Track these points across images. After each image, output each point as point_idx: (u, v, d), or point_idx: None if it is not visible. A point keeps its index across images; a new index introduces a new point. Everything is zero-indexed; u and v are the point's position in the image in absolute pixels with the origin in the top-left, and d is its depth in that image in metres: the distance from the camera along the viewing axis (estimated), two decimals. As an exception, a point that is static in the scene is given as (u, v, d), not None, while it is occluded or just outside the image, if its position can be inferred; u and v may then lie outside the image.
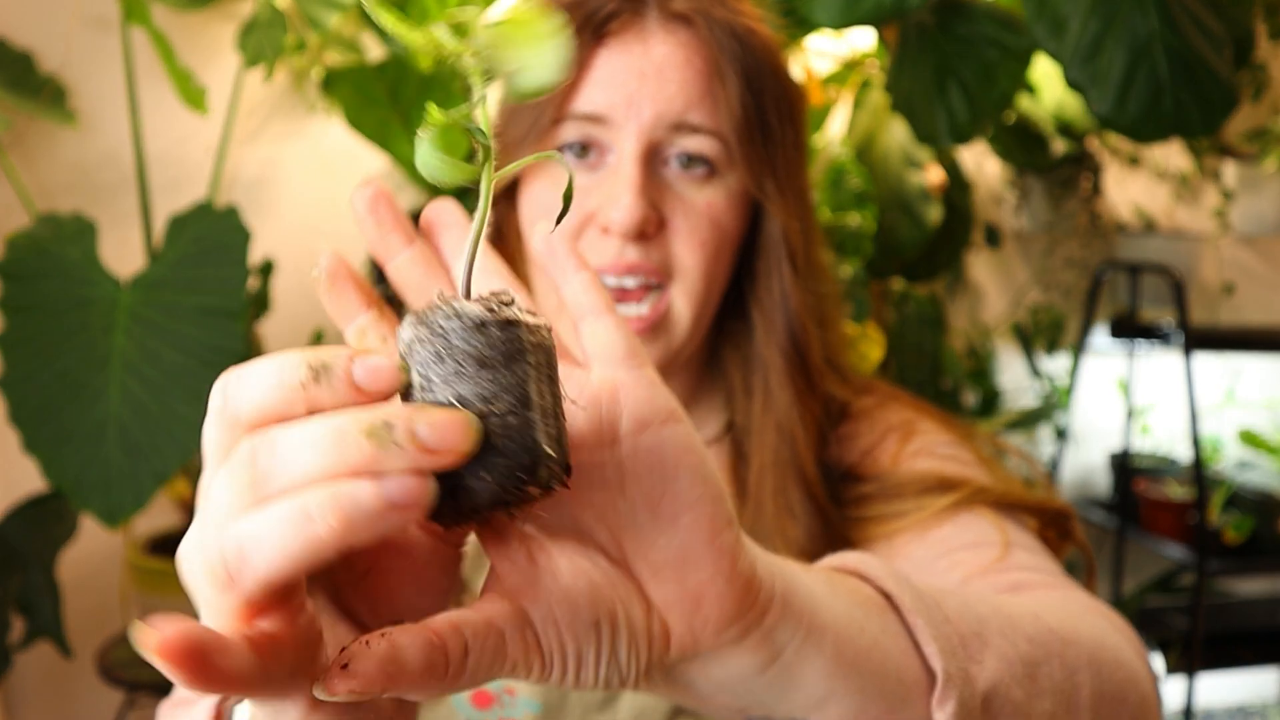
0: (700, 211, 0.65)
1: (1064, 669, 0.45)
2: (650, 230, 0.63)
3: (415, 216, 1.80)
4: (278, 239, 1.86)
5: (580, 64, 0.63)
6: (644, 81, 0.62)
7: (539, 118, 0.63)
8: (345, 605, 0.36)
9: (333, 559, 0.29)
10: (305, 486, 0.29)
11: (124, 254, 1.73)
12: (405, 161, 1.60)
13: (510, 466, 0.30)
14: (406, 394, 0.31)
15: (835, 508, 0.69)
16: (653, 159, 0.64)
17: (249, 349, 1.56)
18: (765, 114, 0.65)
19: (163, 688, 1.61)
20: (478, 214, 0.35)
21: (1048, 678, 0.44)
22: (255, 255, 1.49)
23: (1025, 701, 0.42)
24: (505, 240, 0.70)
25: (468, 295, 0.33)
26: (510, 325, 0.31)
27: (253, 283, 1.68)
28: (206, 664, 0.28)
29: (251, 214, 1.57)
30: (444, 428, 0.29)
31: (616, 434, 0.35)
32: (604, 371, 0.36)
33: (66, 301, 1.34)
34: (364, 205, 0.40)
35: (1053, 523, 0.68)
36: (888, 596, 0.42)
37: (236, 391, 0.31)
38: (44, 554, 1.51)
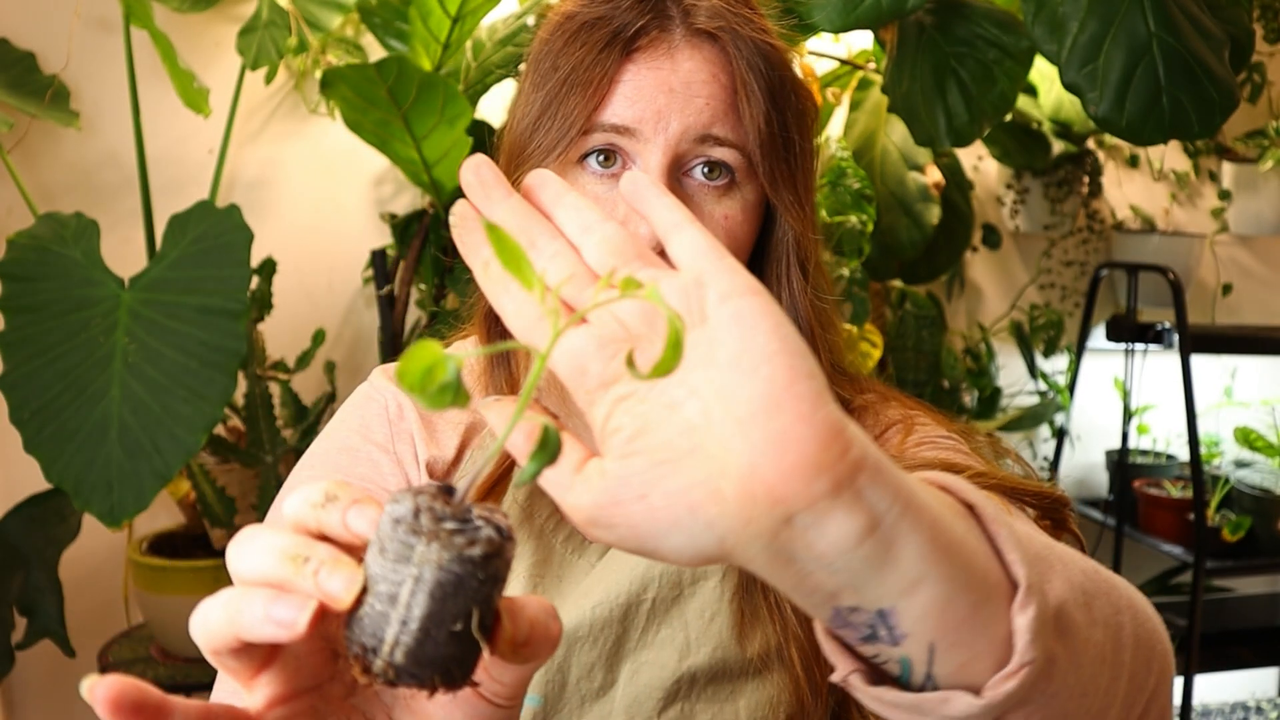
0: (718, 224, 0.67)
1: (1111, 606, 0.46)
2: None
3: (417, 216, 1.81)
4: (278, 239, 1.87)
5: (609, 78, 0.65)
6: (672, 96, 0.65)
7: (568, 129, 0.65)
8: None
9: (236, 646, 0.37)
10: (244, 581, 0.37)
11: (125, 254, 1.73)
12: (405, 162, 1.60)
13: (354, 641, 0.36)
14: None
15: None
16: (675, 171, 0.66)
17: (250, 349, 1.56)
18: (788, 127, 0.67)
19: (165, 687, 1.61)
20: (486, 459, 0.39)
21: (1100, 610, 0.45)
22: (256, 255, 1.49)
23: (1085, 626, 0.43)
24: None
25: (461, 500, 0.37)
26: (437, 542, 0.35)
27: (253, 282, 1.68)
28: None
29: (252, 214, 1.57)
30: (333, 578, 0.36)
31: (705, 313, 0.37)
32: (691, 264, 0.39)
33: (68, 301, 1.35)
34: (469, 168, 0.43)
35: (1049, 512, 0.68)
36: (970, 508, 0.42)
37: (287, 499, 0.39)
38: (46, 554, 1.52)
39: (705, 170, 0.66)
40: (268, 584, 0.37)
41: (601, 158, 0.66)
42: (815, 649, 0.66)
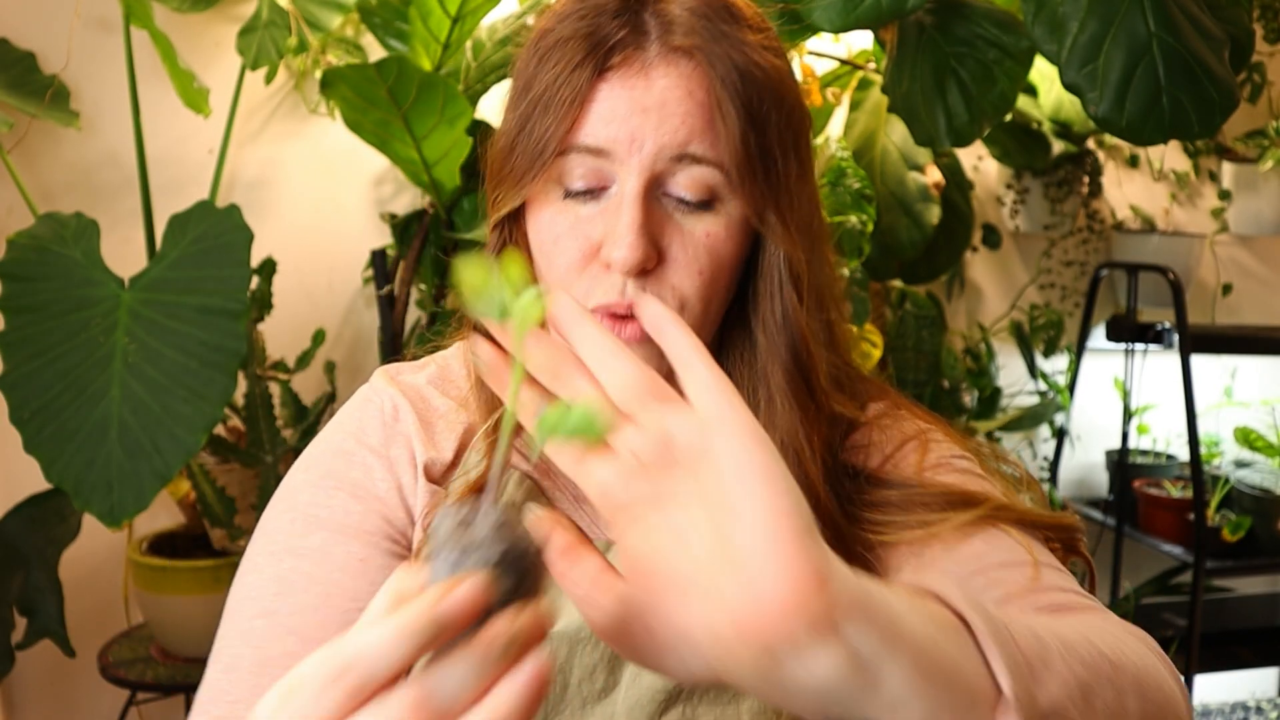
0: (699, 242, 0.66)
1: (1114, 691, 0.48)
2: (650, 265, 0.65)
3: (416, 216, 1.81)
4: (278, 239, 1.87)
5: (581, 98, 0.63)
6: (646, 116, 0.63)
7: (540, 151, 0.64)
8: None
9: None
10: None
11: (125, 254, 1.73)
12: (405, 162, 1.60)
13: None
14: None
15: (848, 518, 0.69)
16: (653, 190, 0.65)
17: (250, 349, 1.56)
18: (767, 146, 0.65)
19: (165, 687, 1.61)
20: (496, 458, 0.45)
21: (1100, 699, 0.47)
22: (256, 255, 1.49)
23: None
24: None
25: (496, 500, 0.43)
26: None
27: (254, 282, 1.68)
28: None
29: (252, 214, 1.57)
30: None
31: (711, 453, 0.42)
32: (701, 403, 0.43)
33: (68, 301, 1.35)
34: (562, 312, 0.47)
35: (1061, 536, 0.70)
36: (962, 619, 0.45)
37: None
38: (46, 553, 1.52)
39: (684, 192, 0.65)
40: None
41: (580, 182, 0.65)
42: None
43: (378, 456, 0.71)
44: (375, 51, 1.81)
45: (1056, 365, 2.46)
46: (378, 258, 1.76)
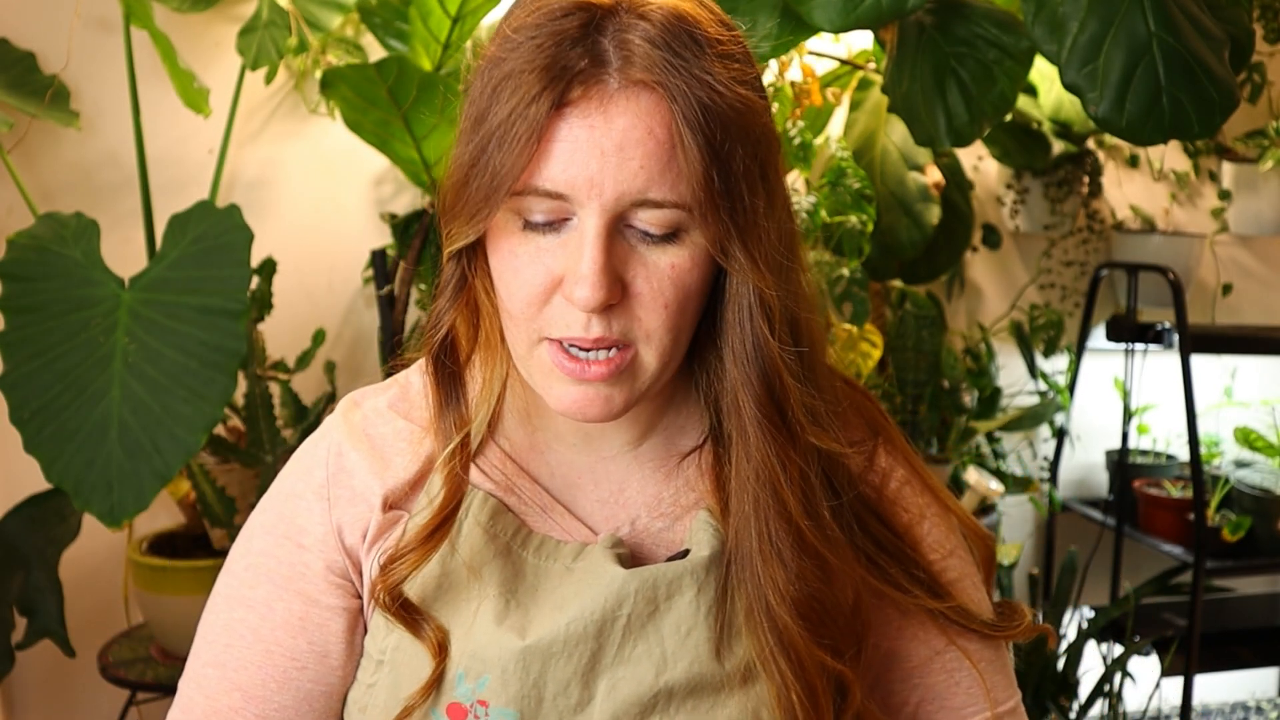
0: (664, 274, 0.64)
1: None
2: (615, 300, 0.63)
3: (417, 216, 1.82)
4: (278, 239, 1.87)
5: (540, 134, 0.60)
6: (604, 160, 0.60)
7: (498, 188, 0.62)
8: None
9: None
10: None
11: (125, 254, 1.73)
12: (405, 162, 1.60)
13: None
14: None
15: (841, 550, 0.70)
16: (615, 225, 0.63)
17: (250, 349, 1.56)
18: (732, 181, 0.63)
19: (165, 687, 1.61)
20: None
21: None
22: (256, 255, 1.49)
23: None
24: (472, 289, 0.71)
25: None
26: None
27: (254, 282, 1.68)
28: None
29: (252, 214, 1.57)
30: None
31: None
32: None
33: (68, 301, 1.35)
34: None
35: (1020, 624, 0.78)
36: None
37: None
38: (46, 553, 1.52)
39: (647, 224, 0.63)
40: None
41: (540, 216, 0.64)
42: (816, 697, 0.66)
43: (319, 499, 0.73)
44: (375, 51, 1.81)
45: (1056, 365, 2.46)
46: (378, 258, 1.76)
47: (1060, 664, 2.17)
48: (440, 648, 0.67)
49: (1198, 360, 2.27)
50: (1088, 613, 2.43)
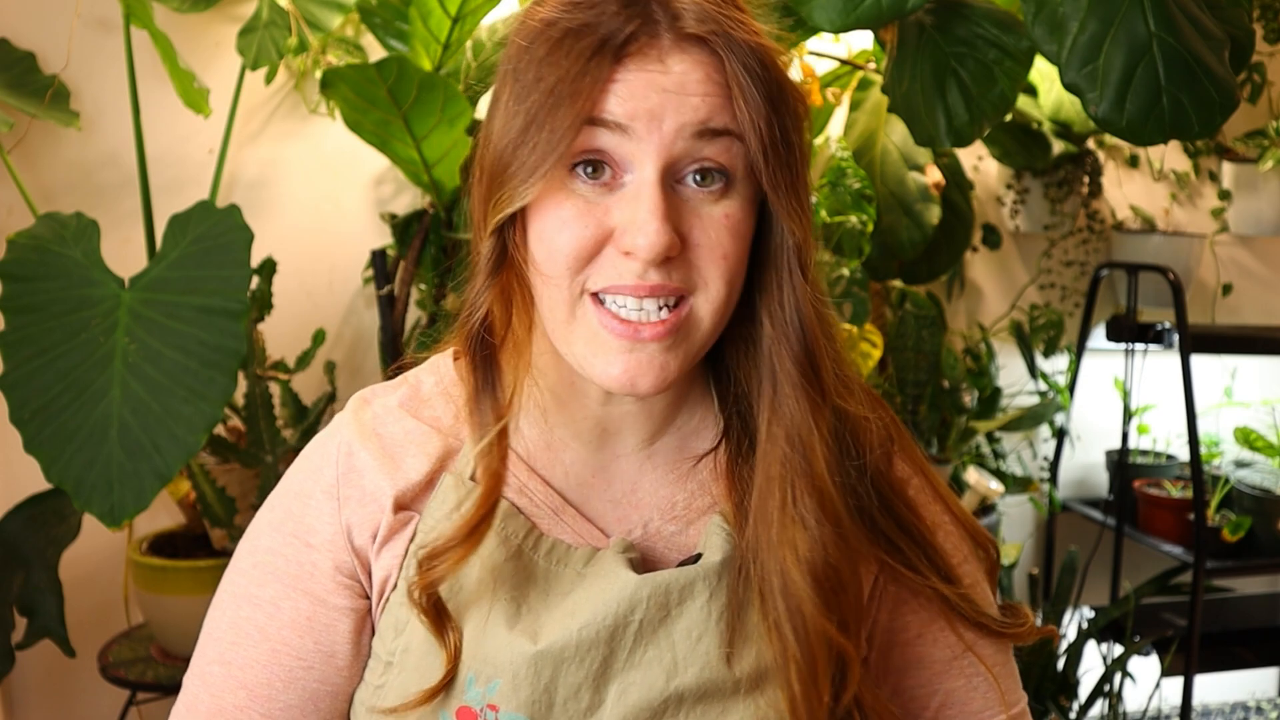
0: (719, 224, 0.65)
1: None
2: (674, 253, 0.63)
3: (417, 216, 1.82)
4: (278, 239, 1.87)
5: (600, 86, 0.62)
6: (665, 97, 0.62)
7: (557, 143, 0.62)
8: None
9: None
10: None
11: (126, 254, 1.73)
12: (405, 162, 1.60)
13: None
14: None
15: (861, 525, 0.70)
16: (670, 178, 0.64)
17: (250, 349, 1.56)
18: (786, 130, 0.65)
19: (164, 687, 1.61)
20: None
21: None
22: (256, 255, 1.49)
23: None
24: (512, 261, 0.69)
25: None
26: None
27: (254, 282, 1.68)
28: None
29: (252, 214, 1.57)
30: None
31: None
32: None
33: (68, 301, 1.35)
34: None
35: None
36: None
37: None
38: (46, 553, 1.52)
39: (699, 178, 0.64)
40: None
41: (590, 169, 0.64)
42: (815, 669, 0.66)
43: (329, 498, 0.73)
44: (375, 51, 1.81)
45: (1056, 365, 2.46)
46: (378, 258, 1.76)
47: (1060, 664, 2.17)
48: (457, 652, 0.67)
49: (1198, 360, 2.27)
50: (1088, 613, 2.43)
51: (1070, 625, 2.36)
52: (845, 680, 0.68)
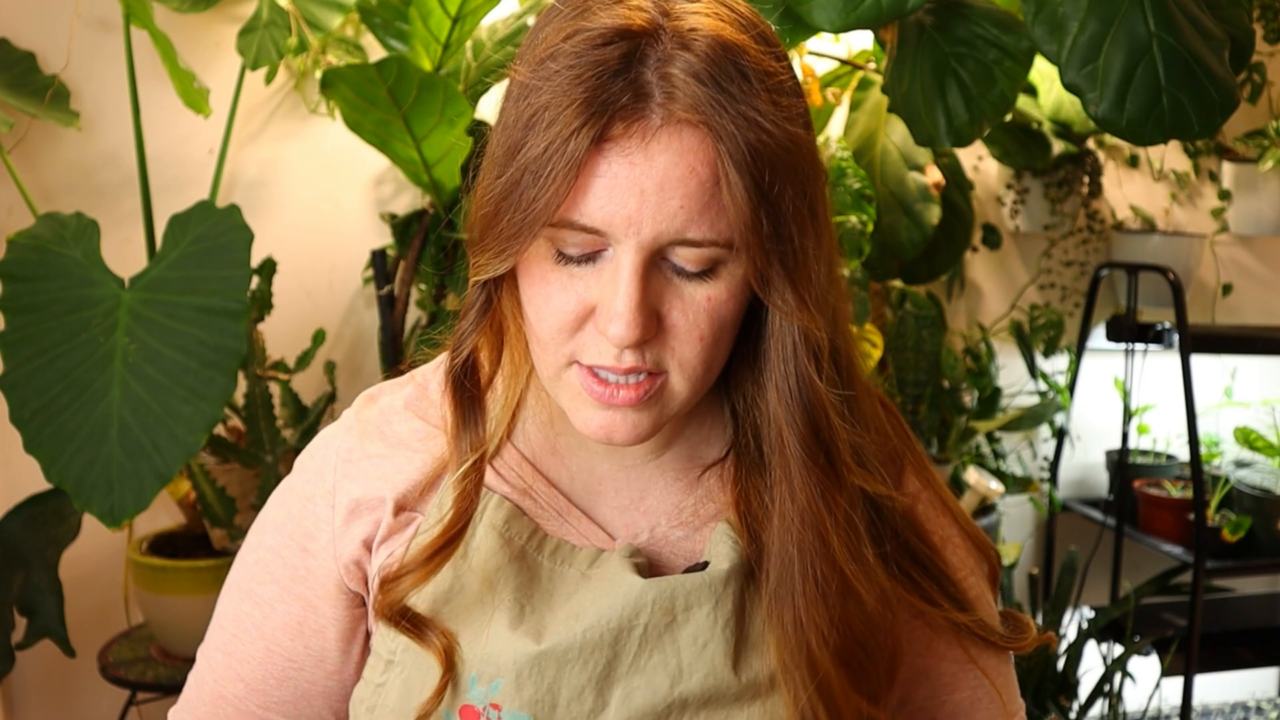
0: (700, 306, 0.63)
1: None
2: (650, 336, 0.62)
3: (417, 216, 1.82)
4: (278, 239, 1.87)
5: (579, 169, 0.58)
6: (644, 199, 0.58)
7: (533, 222, 0.60)
8: None
9: None
10: None
11: (126, 254, 1.73)
12: (405, 162, 1.60)
13: None
14: None
15: (885, 587, 0.69)
16: (653, 260, 0.61)
17: (250, 349, 1.56)
18: (780, 221, 0.61)
19: (165, 687, 1.61)
20: None
21: None
22: (256, 255, 1.49)
23: None
24: (500, 311, 0.70)
25: None
26: None
27: (254, 282, 1.68)
28: None
29: (252, 214, 1.57)
30: None
31: None
32: None
33: (68, 301, 1.35)
34: None
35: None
36: None
37: None
38: (46, 553, 1.52)
39: (685, 262, 0.62)
40: None
41: (574, 249, 0.62)
42: (842, 708, 0.66)
43: (327, 505, 0.74)
44: (375, 51, 1.81)
45: (1056, 365, 2.46)
46: (378, 258, 1.76)
47: (1060, 664, 2.17)
48: (448, 656, 0.67)
49: (1198, 360, 2.27)
50: (1088, 613, 2.43)
51: (1070, 625, 2.36)
52: None
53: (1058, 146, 2.19)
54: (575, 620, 0.67)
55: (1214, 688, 2.71)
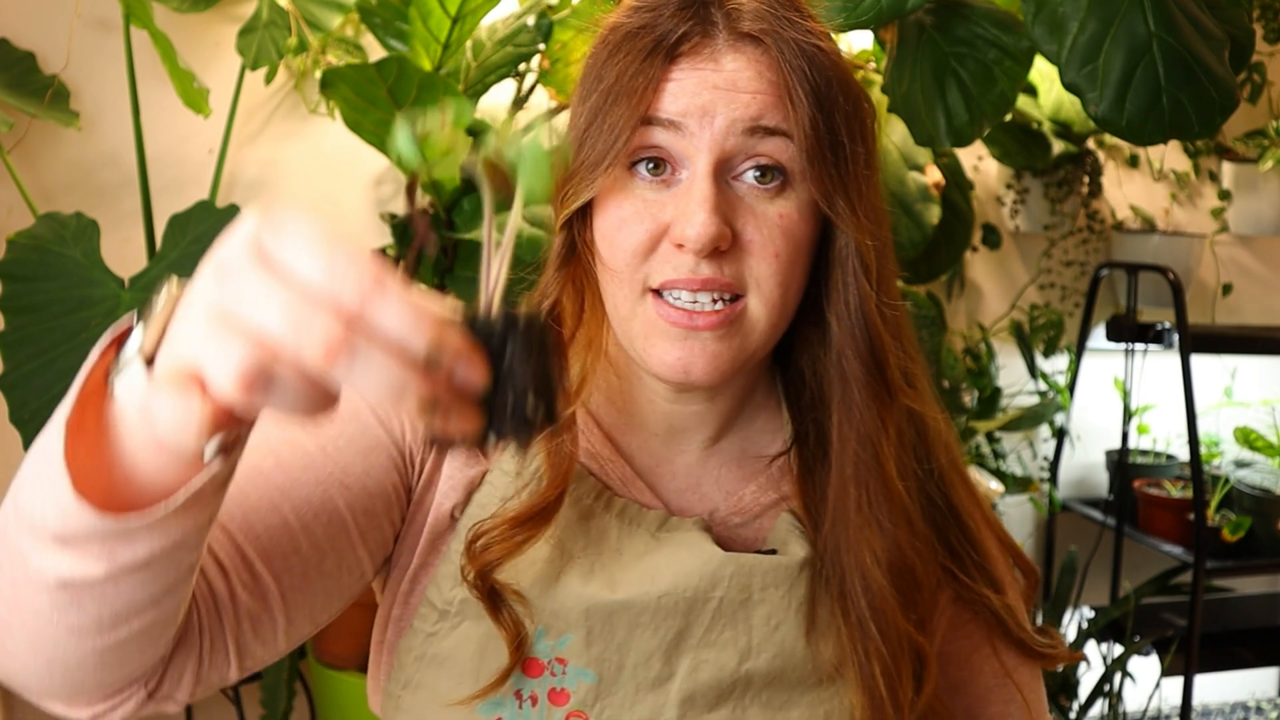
0: (773, 223, 0.65)
1: None
2: (724, 245, 0.64)
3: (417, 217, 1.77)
4: (278, 239, 1.87)
5: (653, 84, 0.64)
6: (717, 93, 0.64)
7: (614, 139, 0.65)
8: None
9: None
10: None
11: (125, 254, 1.73)
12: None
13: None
14: None
15: (930, 526, 0.72)
16: (724, 173, 0.65)
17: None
18: (836, 130, 0.66)
19: (164, 687, 1.61)
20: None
21: None
22: (256, 255, 1.49)
23: None
24: (579, 257, 0.71)
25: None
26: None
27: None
28: None
29: (252, 214, 1.57)
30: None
31: None
32: None
33: (68, 301, 1.35)
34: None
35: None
36: None
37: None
38: (46, 553, 1.52)
39: (757, 174, 0.65)
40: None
41: (651, 165, 0.66)
42: (900, 666, 0.67)
43: (380, 425, 0.69)
44: (375, 51, 1.81)
45: (1056, 365, 2.46)
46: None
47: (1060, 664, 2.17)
48: (518, 641, 0.65)
49: (1198, 360, 2.27)
50: (1088, 613, 2.43)
51: (1070, 625, 2.36)
52: (924, 677, 0.70)
53: (1058, 146, 2.19)
54: (650, 582, 0.67)
55: (1214, 688, 2.71)
